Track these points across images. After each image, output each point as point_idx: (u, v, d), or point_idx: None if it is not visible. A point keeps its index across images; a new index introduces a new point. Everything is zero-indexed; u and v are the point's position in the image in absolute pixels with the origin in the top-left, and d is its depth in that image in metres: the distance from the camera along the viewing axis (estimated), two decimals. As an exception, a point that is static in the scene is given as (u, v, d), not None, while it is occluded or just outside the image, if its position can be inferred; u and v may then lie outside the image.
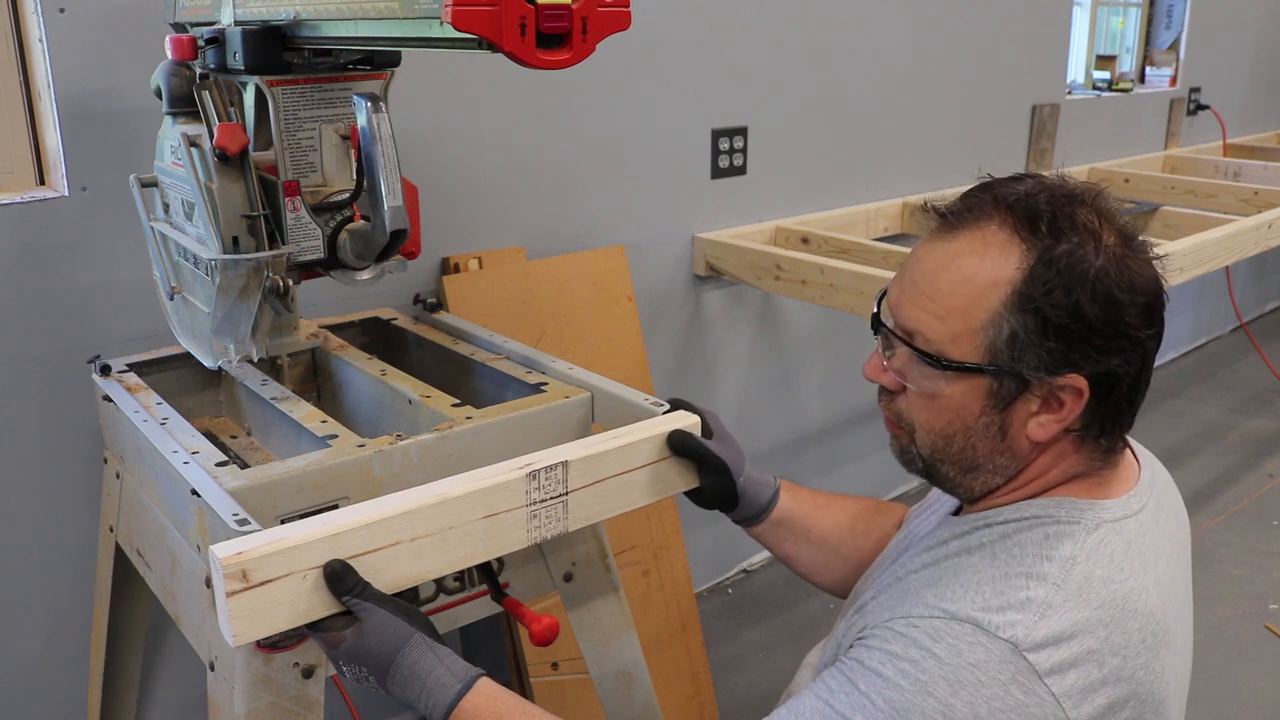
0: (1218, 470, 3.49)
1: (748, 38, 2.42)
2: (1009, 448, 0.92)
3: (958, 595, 0.87)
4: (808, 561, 1.25)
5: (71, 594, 1.70)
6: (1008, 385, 0.89)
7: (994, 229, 0.88)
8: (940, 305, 0.90)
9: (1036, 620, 0.84)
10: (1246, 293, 4.85)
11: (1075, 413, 0.89)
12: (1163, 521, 0.98)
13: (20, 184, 1.61)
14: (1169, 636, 0.90)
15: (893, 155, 2.89)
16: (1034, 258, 0.86)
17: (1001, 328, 0.87)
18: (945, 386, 0.91)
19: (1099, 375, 0.87)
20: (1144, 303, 0.87)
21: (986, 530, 0.93)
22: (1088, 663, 0.84)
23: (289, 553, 0.90)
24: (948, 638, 0.84)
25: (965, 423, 0.92)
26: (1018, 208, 0.88)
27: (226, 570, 0.87)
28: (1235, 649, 2.52)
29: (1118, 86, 3.94)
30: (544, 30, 0.92)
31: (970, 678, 0.82)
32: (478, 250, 2.06)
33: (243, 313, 1.30)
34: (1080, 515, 0.91)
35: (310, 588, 0.92)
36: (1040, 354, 0.86)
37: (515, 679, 2.12)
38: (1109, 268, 0.85)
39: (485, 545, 1.01)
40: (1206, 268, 2.59)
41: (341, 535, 0.93)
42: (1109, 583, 0.87)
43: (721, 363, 2.63)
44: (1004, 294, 0.86)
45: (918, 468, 0.98)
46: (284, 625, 0.92)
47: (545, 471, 1.03)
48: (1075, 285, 0.85)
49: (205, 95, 1.27)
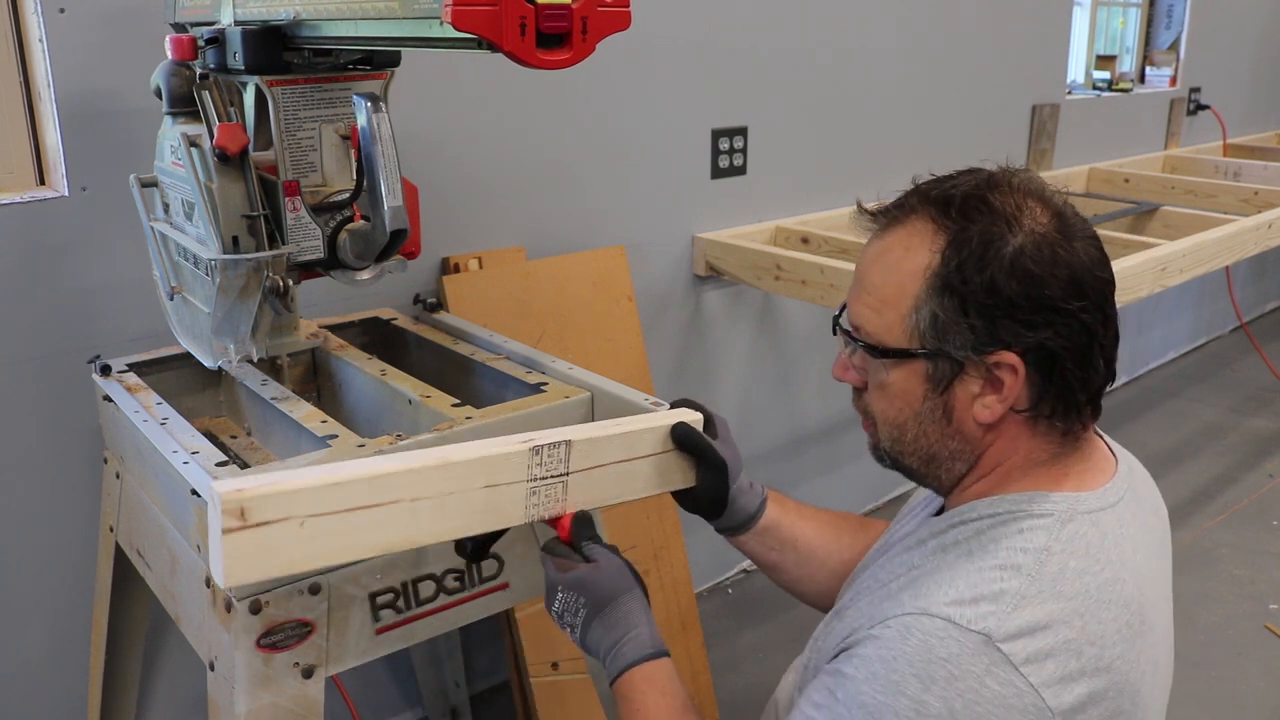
0: (1218, 470, 3.49)
1: (748, 38, 2.42)
2: (958, 431, 0.94)
3: (931, 592, 0.87)
4: (793, 571, 1.24)
5: (71, 594, 1.70)
6: (941, 367, 0.92)
7: (916, 221, 0.93)
8: (875, 298, 0.95)
9: (1010, 611, 0.84)
10: (1246, 293, 4.85)
11: (1016, 390, 0.90)
12: (1141, 515, 0.98)
13: (20, 184, 1.61)
14: (1145, 627, 0.90)
15: (893, 155, 2.89)
16: (946, 241, 0.90)
17: (924, 311, 0.91)
18: (888, 375, 0.95)
19: (1033, 351, 0.89)
20: (1068, 275, 0.88)
21: (962, 528, 0.93)
22: (1064, 653, 0.84)
23: (289, 496, 0.88)
24: (918, 633, 0.84)
25: (913, 408, 0.95)
26: (937, 199, 0.93)
27: (225, 505, 0.85)
28: (1235, 649, 2.52)
29: (1118, 86, 3.94)
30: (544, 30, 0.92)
31: (942, 672, 0.82)
32: (478, 250, 2.06)
33: (243, 313, 1.30)
34: (1054, 508, 0.91)
35: (307, 536, 0.90)
36: (964, 332, 0.89)
37: (515, 679, 2.12)
38: (1025, 244, 0.88)
39: (482, 517, 1.00)
40: (1206, 268, 2.59)
41: (343, 485, 0.91)
42: (1083, 574, 0.88)
43: (721, 363, 2.63)
44: (923, 279, 0.91)
45: (886, 462, 1.02)
46: (277, 572, 0.90)
47: (548, 449, 1.03)
48: (989, 262, 0.88)
49: (205, 95, 1.27)
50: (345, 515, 0.92)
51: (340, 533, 0.92)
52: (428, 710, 2.17)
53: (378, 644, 1.23)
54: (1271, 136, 4.64)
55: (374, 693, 2.14)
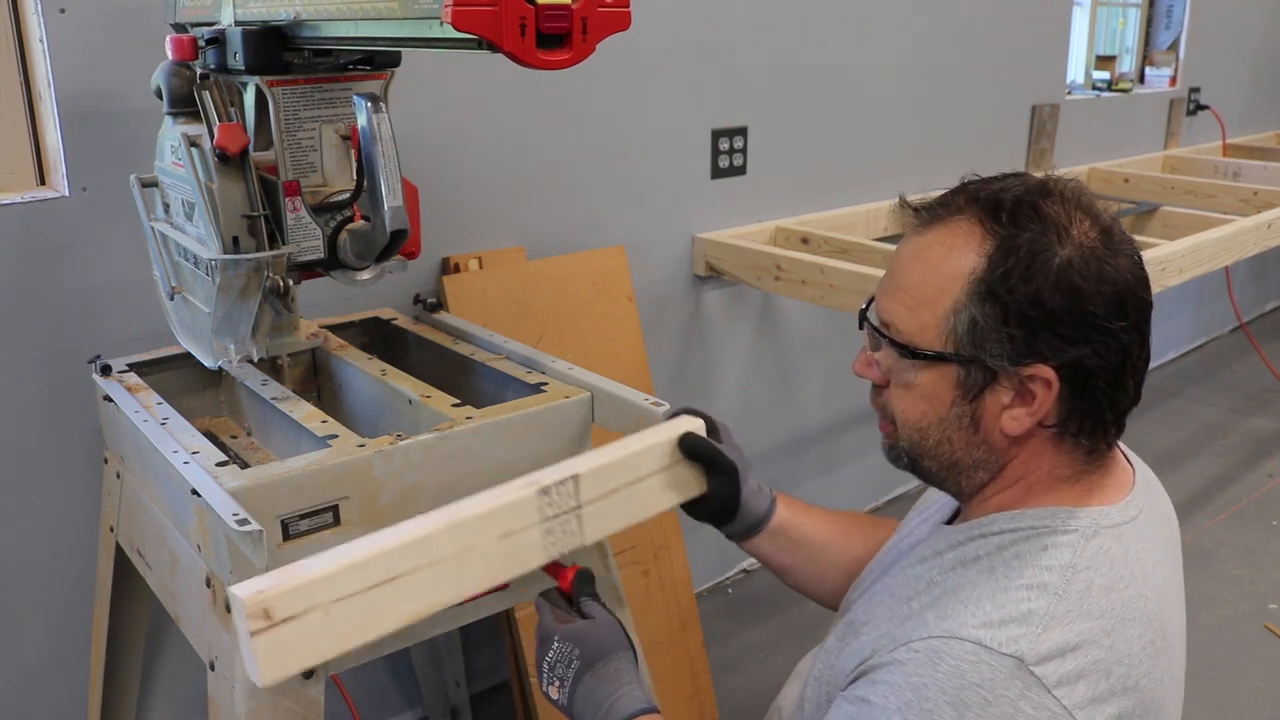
0: (1217, 470, 3.49)
1: (748, 38, 2.42)
2: (984, 441, 0.92)
3: (958, 613, 0.86)
4: (806, 572, 1.22)
5: (71, 594, 1.70)
6: (974, 374, 0.90)
7: (962, 222, 0.90)
8: (911, 297, 0.92)
9: (1040, 633, 0.83)
10: (1246, 293, 4.85)
11: (1047, 405, 0.88)
12: (1158, 526, 0.98)
13: (20, 184, 1.61)
14: (1166, 643, 0.90)
15: (893, 155, 2.89)
16: (994, 246, 0.87)
17: (963, 316, 0.88)
18: (917, 376, 0.92)
19: (1068, 366, 0.87)
20: (1112, 293, 0.86)
21: (982, 541, 0.92)
22: (1095, 673, 0.83)
23: (310, 587, 0.87)
24: (949, 659, 0.83)
25: (939, 413, 0.93)
26: (986, 202, 0.90)
27: (249, 609, 0.84)
28: (1235, 649, 2.52)
29: (1117, 87, 3.94)
30: (544, 30, 0.92)
31: (976, 698, 0.81)
32: (478, 250, 2.06)
33: (243, 313, 1.30)
34: (1078, 524, 0.90)
35: (336, 621, 0.89)
36: (1002, 342, 0.87)
37: (515, 679, 2.12)
38: (1074, 257, 0.86)
39: (505, 565, 0.99)
40: (1206, 268, 2.59)
41: (361, 565, 0.90)
42: (1109, 591, 0.87)
43: (721, 363, 2.63)
44: (966, 283, 0.88)
45: (903, 463, 0.99)
46: (312, 662, 0.89)
47: (556, 487, 1.02)
48: (1035, 273, 0.85)
49: (205, 95, 1.27)
50: (369, 593, 0.91)
51: (367, 610, 0.91)
52: (428, 710, 2.17)
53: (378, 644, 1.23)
54: (1271, 136, 4.64)
55: (374, 693, 2.14)
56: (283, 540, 1.14)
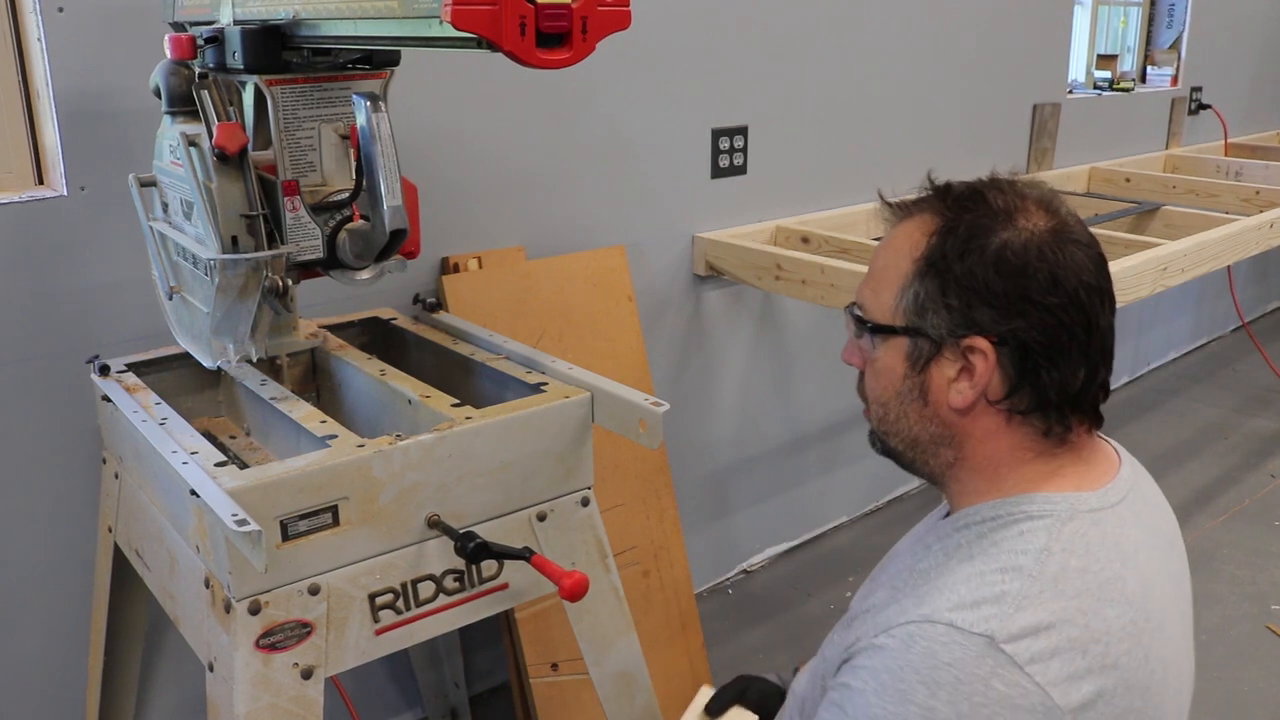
0: (1219, 470, 3.48)
1: (748, 38, 2.42)
2: (934, 415, 0.96)
3: (933, 598, 0.88)
4: None
5: (71, 594, 1.70)
6: (920, 345, 0.95)
7: (925, 213, 0.97)
8: (876, 280, 0.99)
9: (1012, 612, 0.84)
10: (1248, 292, 4.84)
11: (987, 378, 0.92)
12: (1145, 516, 0.98)
13: (19, 184, 1.61)
14: (1152, 625, 0.90)
15: (893, 155, 2.89)
16: (938, 226, 0.94)
17: (909, 291, 0.95)
18: (876, 351, 0.99)
19: (1006, 340, 0.91)
20: (1048, 273, 0.90)
21: (965, 531, 0.94)
22: (1070, 651, 0.84)
23: None
24: (921, 641, 0.85)
25: (895, 387, 0.98)
26: (941, 191, 0.98)
27: None
28: (1236, 649, 2.52)
29: (1119, 86, 3.94)
30: (544, 30, 0.92)
31: (947, 677, 0.82)
32: (478, 250, 2.06)
33: (242, 313, 1.30)
34: (1053, 508, 0.92)
35: None
36: (940, 312, 0.93)
37: (515, 679, 2.12)
38: (1012, 239, 0.91)
39: None
40: (1208, 267, 2.59)
41: None
42: (1084, 572, 0.88)
43: (722, 362, 2.63)
44: (914, 261, 0.95)
45: (878, 447, 1.04)
46: None
47: None
48: (972, 250, 0.91)
49: (204, 94, 1.27)
50: None
51: None
52: (427, 711, 2.17)
53: (377, 644, 1.23)
54: (1273, 136, 4.63)
55: (374, 693, 2.14)
56: (282, 541, 1.14)
